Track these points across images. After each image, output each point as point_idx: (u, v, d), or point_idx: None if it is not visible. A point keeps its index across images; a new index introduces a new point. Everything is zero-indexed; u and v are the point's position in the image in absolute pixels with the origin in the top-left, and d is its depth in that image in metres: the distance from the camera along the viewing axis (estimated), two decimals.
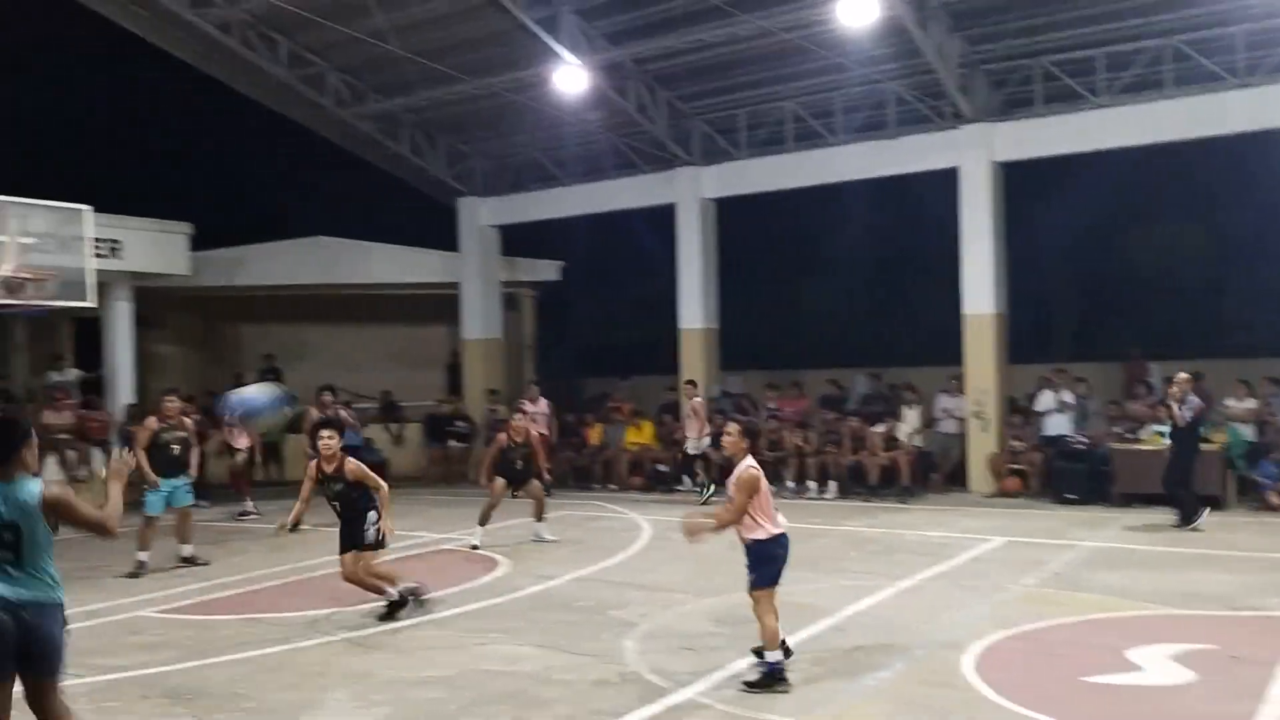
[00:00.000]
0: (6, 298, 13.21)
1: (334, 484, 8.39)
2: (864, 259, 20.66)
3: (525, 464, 11.99)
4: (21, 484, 4.80)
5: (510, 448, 11.93)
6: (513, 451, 11.92)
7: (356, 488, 8.44)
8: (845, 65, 15.65)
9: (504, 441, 12.00)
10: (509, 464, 11.93)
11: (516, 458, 11.93)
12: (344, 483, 8.38)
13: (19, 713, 4.87)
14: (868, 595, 8.87)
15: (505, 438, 12.01)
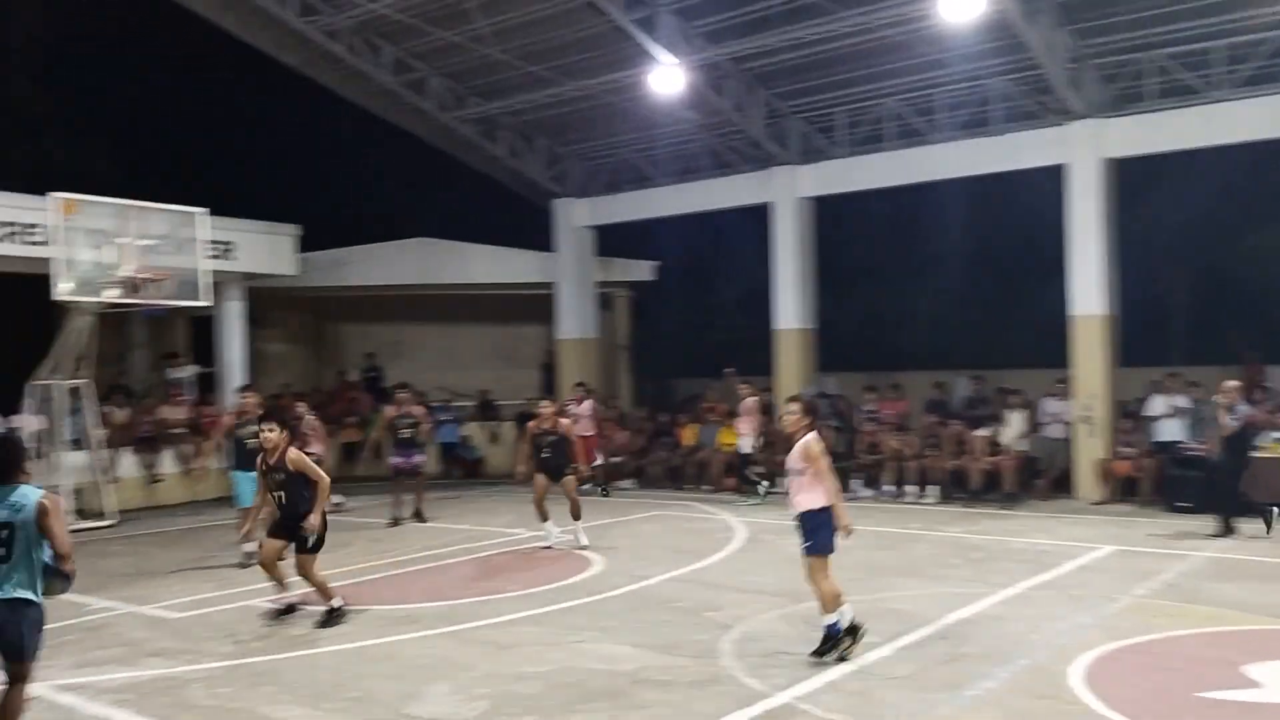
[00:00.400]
0: (128, 297, 13.80)
1: (275, 474, 8.54)
2: (967, 258, 20.24)
3: (553, 453, 11.90)
4: (21, 491, 5.29)
5: (538, 434, 11.94)
6: (540, 438, 11.93)
7: (298, 479, 8.54)
8: (948, 61, 15.36)
9: (534, 428, 12.05)
10: (537, 451, 11.97)
11: (544, 445, 11.91)
12: (285, 473, 8.50)
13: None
14: (970, 603, 8.68)
15: (534, 424, 12.09)
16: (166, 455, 17.26)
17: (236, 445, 11.62)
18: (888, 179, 17.11)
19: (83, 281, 13.64)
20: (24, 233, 14.91)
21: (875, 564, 10.47)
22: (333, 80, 18.51)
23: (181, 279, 14.48)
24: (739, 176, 18.55)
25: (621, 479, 18.21)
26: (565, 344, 20.96)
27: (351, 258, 20.93)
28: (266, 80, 20.42)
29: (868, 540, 11.91)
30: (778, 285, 18.07)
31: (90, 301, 13.81)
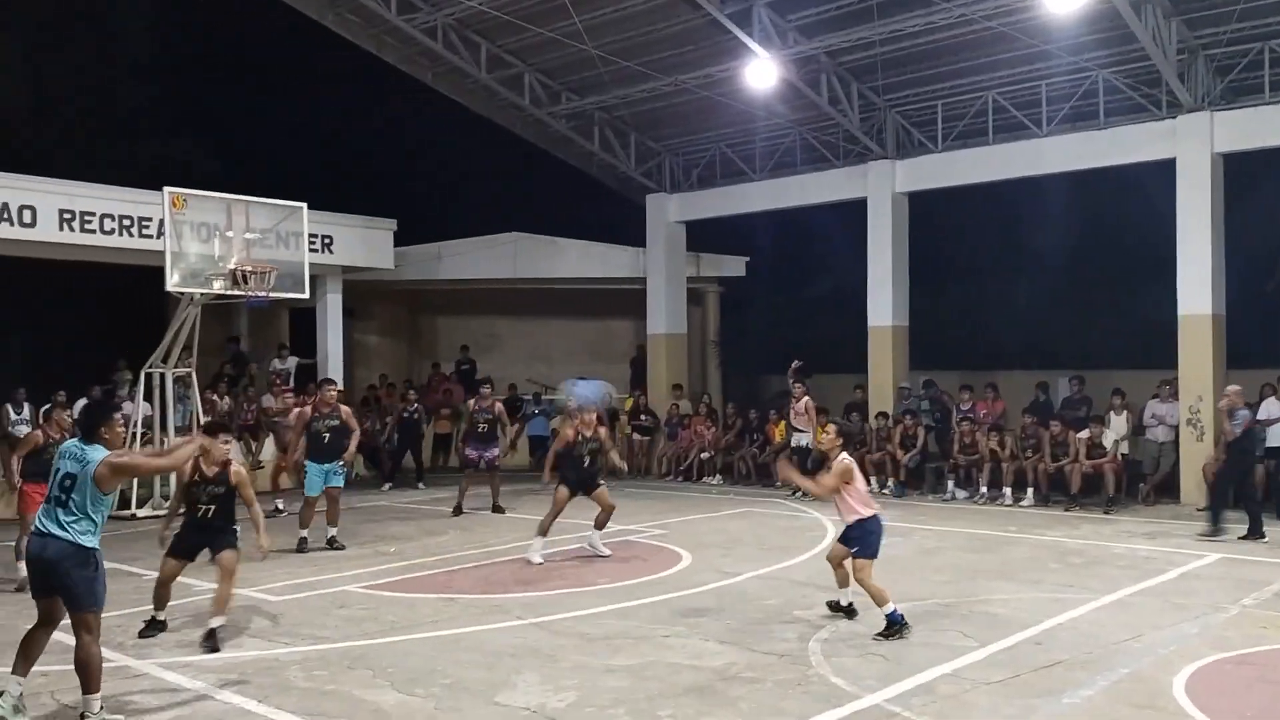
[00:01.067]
0: (233, 288, 14.24)
1: (214, 486, 7.97)
2: (1069, 255, 19.66)
3: (593, 461, 11.12)
4: (93, 449, 5.99)
5: (579, 442, 11.06)
6: (580, 446, 11.05)
7: (232, 495, 8.09)
8: (1052, 53, 14.97)
9: (572, 436, 11.10)
10: (576, 460, 11.05)
11: (584, 453, 11.05)
12: (225, 486, 8.00)
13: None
14: (1069, 608, 8.45)
15: (574, 432, 11.10)
16: (267, 443, 17.75)
17: (312, 437, 11.98)
18: (988, 174, 16.75)
19: (191, 273, 14.12)
20: (137, 226, 15.51)
21: (969, 566, 10.27)
22: (430, 77, 18.84)
23: (284, 271, 14.89)
24: (833, 171, 18.36)
25: (709, 475, 18.18)
26: (655, 339, 20.99)
27: (446, 252, 21.29)
28: (365, 78, 20.89)
29: (961, 542, 11.72)
30: (871, 281, 17.83)
31: (198, 292, 14.27)
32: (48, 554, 5.87)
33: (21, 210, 14.55)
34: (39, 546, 5.93)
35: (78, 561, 5.84)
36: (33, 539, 6.07)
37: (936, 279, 19.55)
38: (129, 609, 8.83)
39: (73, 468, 5.94)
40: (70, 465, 5.96)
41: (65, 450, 6.13)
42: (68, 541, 5.83)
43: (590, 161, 20.82)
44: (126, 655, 7.40)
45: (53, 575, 5.89)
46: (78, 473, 5.91)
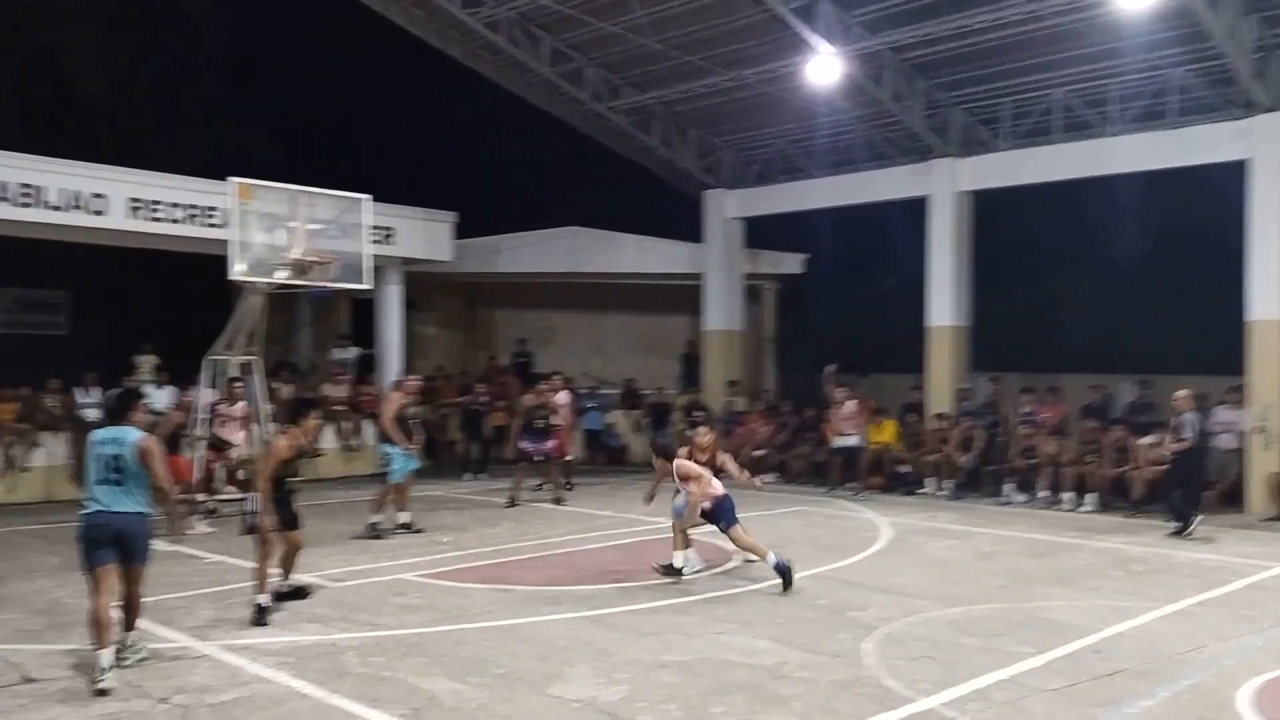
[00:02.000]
0: (296, 278, 14.44)
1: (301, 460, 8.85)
2: (1135, 257, 19.22)
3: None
4: (127, 430, 6.81)
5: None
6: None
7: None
8: (1123, 50, 14.65)
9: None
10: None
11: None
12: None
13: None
14: (1130, 617, 8.28)
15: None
16: (327, 431, 18.01)
17: (401, 424, 12.26)
18: (1055, 173, 16.46)
19: (255, 263, 14.32)
20: (204, 215, 15.81)
21: (1027, 572, 10.12)
22: (491, 71, 18.95)
23: (346, 262, 15.07)
24: (895, 169, 18.16)
25: (764, 473, 18.09)
26: (711, 335, 20.94)
27: (505, 245, 21.41)
28: (428, 71, 21.07)
29: (1020, 546, 11.55)
30: (932, 280, 17.62)
31: (262, 282, 14.50)
32: (117, 526, 6.63)
33: (93, 199, 14.92)
34: (107, 520, 6.62)
35: (142, 527, 6.75)
36: (97, 516, 6.64)
37: (999, 279, 19.24)
38: (190, 590, 9.04)
39: (115, 449, 6.70)
40: (112, 448, 6.71)
41: (102, 437, 6.80)
42: (132, 513, 6.68)
43: (649, 156, 20.81)
44: (189, 636, 7.56)
45: (125, 541, 6.66)
46: (122, 452, 6.68)
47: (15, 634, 7.61)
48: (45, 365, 16.29)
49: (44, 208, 14.48)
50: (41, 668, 6.76)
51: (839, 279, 23.07)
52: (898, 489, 16.34)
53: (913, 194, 17.90)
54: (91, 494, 6.67)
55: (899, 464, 16.73)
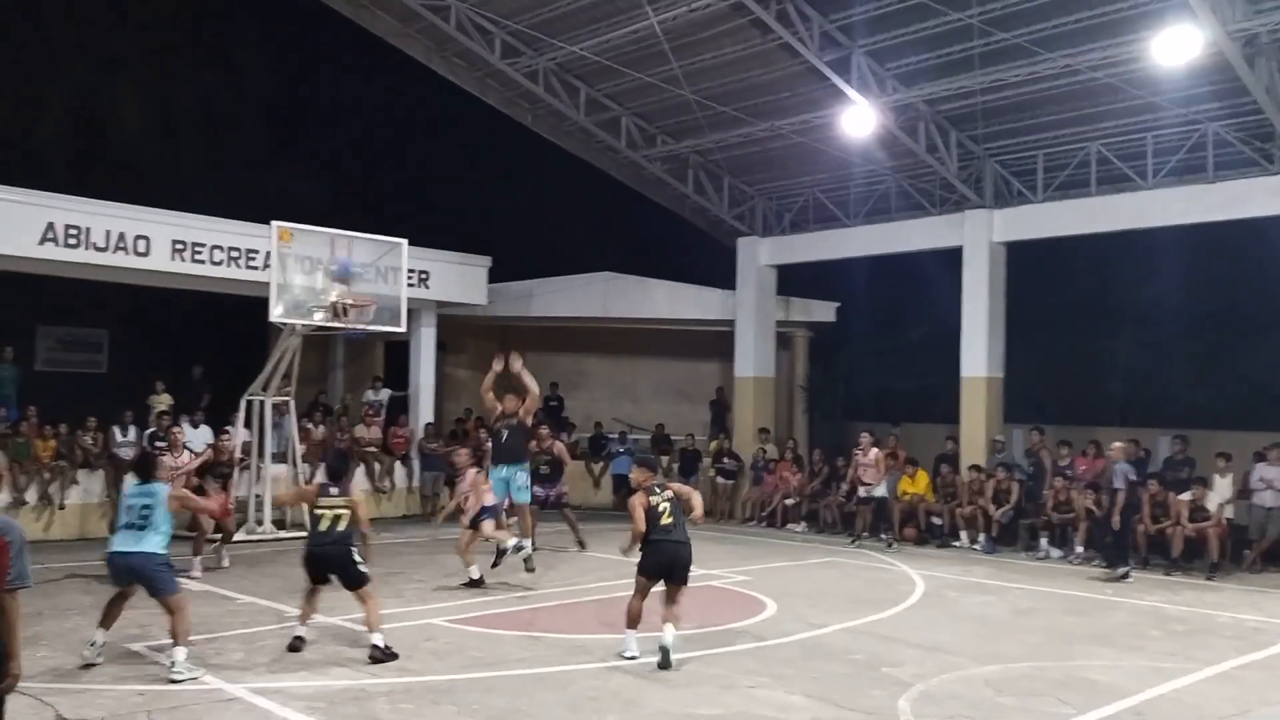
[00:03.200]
0: (333, 320, 14.61)
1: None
2: (1173, 311, 19.06)
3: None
4: (156, 487, 8.07)
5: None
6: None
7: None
8: (1159, 105, 14.65)
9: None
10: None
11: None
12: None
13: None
14: (1171, 678, 8.11)
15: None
16: (358, 472, 18.07)
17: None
18: (1091, 225, 16.41)
19: (294, 304, 14.53)
20: (244, 258, 16.05)
21: (1066, 630, 9.95)
22: (529, 119, 19.23)
23: (381, 305, 15.24)
24: (929, 219, 18.16)
25: (793, 521, 17.98)
26: (743, 382, 20.90)
27: (538, 289, 21.55)
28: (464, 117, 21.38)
29: (1057, 603, 11.37)
30: (966, 331, 17.53)
31: (300, 324, 14.67)
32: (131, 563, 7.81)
33: (137, 240, 15.18)
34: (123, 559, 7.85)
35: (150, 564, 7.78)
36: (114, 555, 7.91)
37: (1034, 330, 19.13)
38: (222, 632, 9.05)
39: (146, 500, 7.92)
40: (143, 499, 7.94)
41: (134, 492, 8.06)
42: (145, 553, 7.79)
43: (683, 204, 20.96)
44: (219, 679, 7.56)
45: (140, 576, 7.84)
46: (151, 503, 7.90)
47: (48, 673, 7.64)
48: (85, 403, 16.47)
49: (89, 249, 14.75)
50: (74, 707, 6.78)
51: (871, 327, 23.04)
52: (931, 541, 16.16)
53: (947, 244, 17.88)
54: (115, 536, 7.98)
55: (932, 515, 16.56)
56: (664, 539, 8.41)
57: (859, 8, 14.40)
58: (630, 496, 8.71)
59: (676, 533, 8.47)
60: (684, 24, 15.15)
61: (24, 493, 14.72)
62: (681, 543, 8.47)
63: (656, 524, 8.42)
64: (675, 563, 8.43)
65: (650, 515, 8.42)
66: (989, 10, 13.59)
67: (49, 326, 21.55)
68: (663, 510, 8.49)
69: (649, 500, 8.50)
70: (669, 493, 8.70)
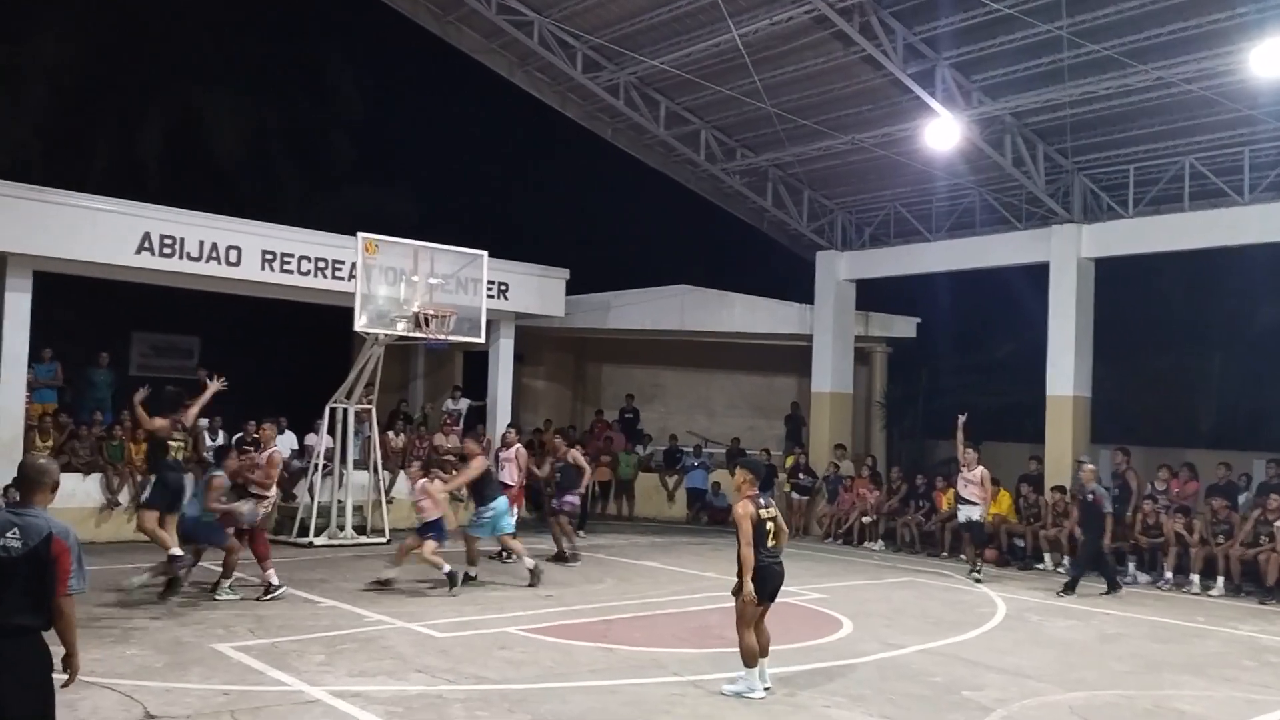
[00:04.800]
0: (415, 331, 14.83)
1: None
2: (1267, 332, 18.45)
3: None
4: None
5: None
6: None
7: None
8: (1257, 118, 14.20)
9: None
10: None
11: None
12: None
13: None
14: (1265, 711, 7.81)
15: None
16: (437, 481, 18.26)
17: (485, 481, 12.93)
18: (1183, 241, 15.96)
19: (377, 315, 14.80)
20: (331, 268, 16.40)
21: (1154, 658, 9.64)
22: (609, 133, 19.37)
23: (461, 316, 15.44)
24: (1015, 234, 17.83)
25: (870, 540, 17.74)
26: (820, 397, 20.72)
27: (616, 302, 21.65)
28: (545, 131, 21.63)
29: (1145, 630, 11.04)
30: (1052, 348, 17.14)
31: (383, 333, 14.93)
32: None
33: (229, 250, 15.62)
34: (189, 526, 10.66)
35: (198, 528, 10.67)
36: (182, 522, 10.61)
37: (1124, 349, 18.65)
38: (305, 634, 9.22)
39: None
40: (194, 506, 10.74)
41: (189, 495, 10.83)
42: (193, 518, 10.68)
43: (761, 217, 20.88)
44: (301, 681, 7.70)
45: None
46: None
47: (138, 670, 7.86)
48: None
49: (183, 258, 15.21)
50: (161, 705, 6.96)
51: (953, 344, 22.70)
52: (1013, 563, 15.81)
53: (1033, 260, 17.52)
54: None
55: (1015, 537, 16.20)
56: (771, 561, 7.71)
57: (944, 20, 14.23)
58: (736, 504, 7.83)
59: (777, 551, 7.77)
60: (765, 37, 15.12)
61: (116, 494, 15.19)
62: (780, 562, 7.86)
63: (763, 543, 7.65)
64: (779, 581, 7.85)
65: (758, 530, 7.62)
66: (1079, 22, 13.32)
67: (143, 333, 22.28)
68: (770, 529, 7.73)
69: (758, 513, 7.65)
70: (774, 510, 7.89)
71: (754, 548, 7.54)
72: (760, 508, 7.69)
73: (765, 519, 7.70)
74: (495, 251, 16.71)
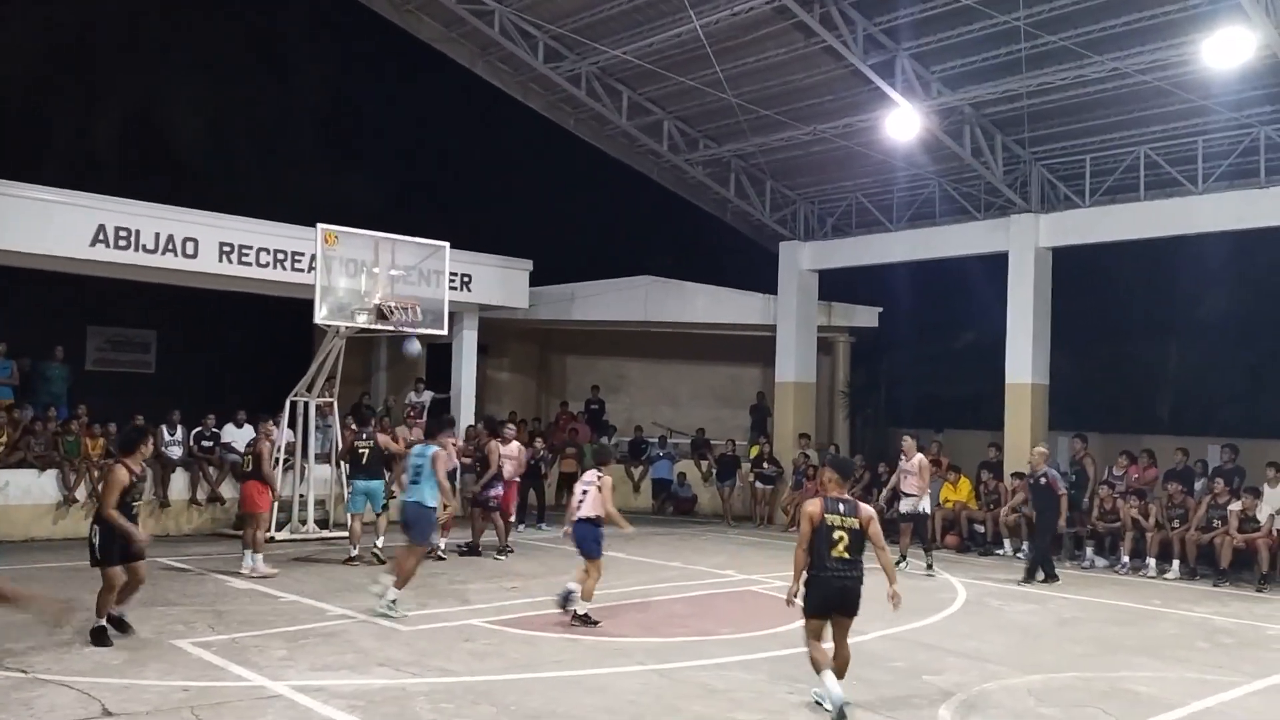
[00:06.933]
0: (376, 323, 14.73)
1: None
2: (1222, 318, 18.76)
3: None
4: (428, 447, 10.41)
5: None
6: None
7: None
8: (1210, 109, 14.41)
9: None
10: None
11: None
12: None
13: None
14: (1218, 691, 7.97)
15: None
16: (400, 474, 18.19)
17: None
18: (1139, 231, 16.17)
19: (338, 307, 14.68)
20: (290, 260, 16.24)
21: (1111, 640, 9.80)
22: (571, 123, 19.29)
23: (424, 308, 15.35)
24: (974, 224, 17.98)
25: None
26: (784, 387, 20.81)
27: (580, 293, 21.61)
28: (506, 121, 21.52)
29: (1102, 614, 11.21)
30: (1011, 337, 17.33)
31: (343, 325, 14.81)
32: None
33: (186, 242, 15.42)
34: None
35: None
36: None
37: (1082, 337, 18.89)
38: (266, 629, 9.16)
39: (419, 460, 10.31)
40: (418, 459, 10.33)
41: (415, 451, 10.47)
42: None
43: (724, 208, 20.92)
44: (262, 675, 7.64)
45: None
46: (422, 462, 10.23)
47: (96, 667, 7.76)
48: (133, 402, 16.76)
49: (139, 250, 15.00)
50: (119, 702, 6.88)
51: (914, 333, 22.90)
52: (973, 549, 15.99)
53: (992, 249, 17.69)
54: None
55: (975, 523, 16.38)
56: (831, 573, 6.96)
57: (904, 11, 14.30)
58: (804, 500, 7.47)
59: (849, 567, 7.00)
60: (726, 27, 15.12)
61: (74, 491, 14.98)
62: (852, 577, 7.02)
63: (826, 551, 6.94)
64: (846, 596, 7.02)
65: (820, 534, 6.98)
66: (1036, 13, 13.44)
67: (99, 327, 21.98)
68: (839, 538, 6.95)
69: (824, 515, 6.99)
70: (855, 521, 7.03)
71: (811, 553, 6.99)
72: (834, 512, 7.01)
73: (833, 525, 6.96)
74: (458, 243, 16.61)
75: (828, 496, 7.13)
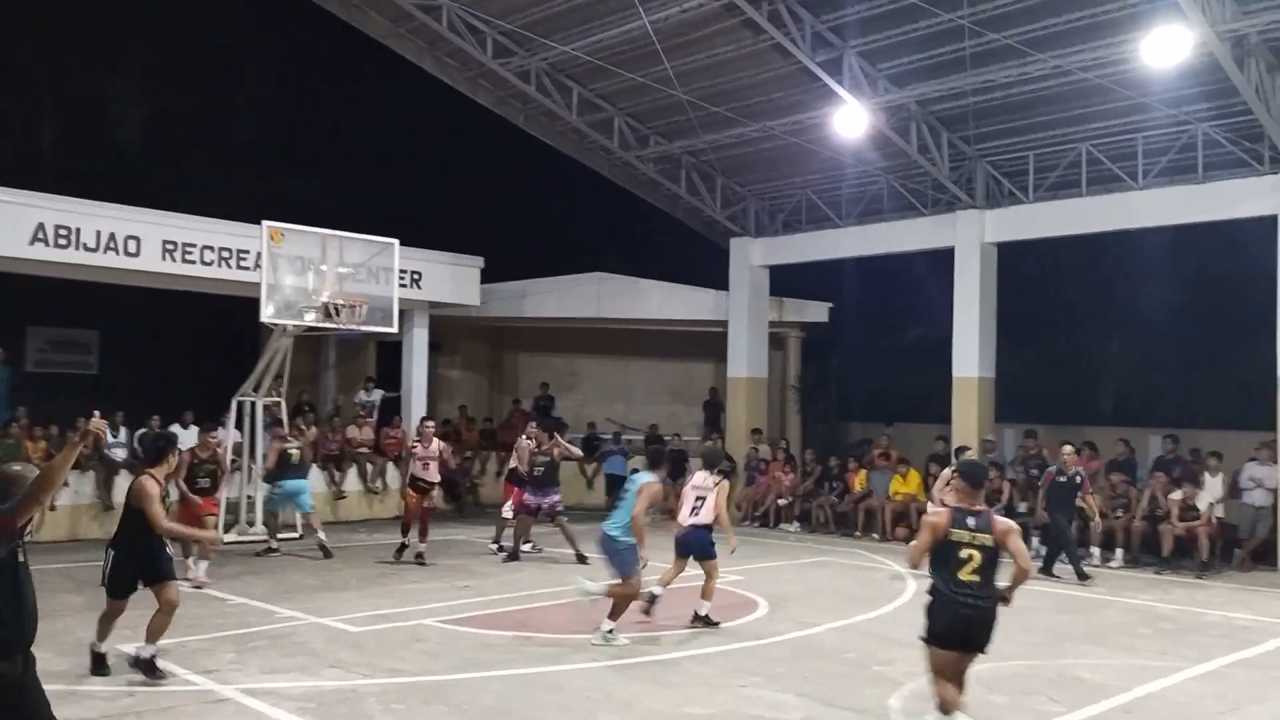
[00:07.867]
0: (325, 321, 14.58)
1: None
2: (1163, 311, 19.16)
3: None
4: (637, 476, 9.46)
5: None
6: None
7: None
8: (1149, 106, 14.69)
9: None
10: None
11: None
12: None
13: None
14: (1160, 677, 8.15)
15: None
16: (350, 473, 18.06)
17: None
18: (1081, 226, 16.45)
19: (285, 305, 14.50)
20: (236, 258, 16.02)
21: (1058, 628, 9.99)
22: (521, 119, 19.21)
23: (373, 306, 15.21)
24: (921, 219, 18.19)
25: (786, 521, 18.00)
26: (736, 382, 20.91)
27: (531, 290, 21.55)
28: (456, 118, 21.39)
29: (1049, 602, 11.40)
30: (958, 331, 17.56)
31: (291, 324, 14.63)
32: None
33: (128, 240, 15.15)
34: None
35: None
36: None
37: (1026, 331, 19.20)
38: (215, 633, 9.04)
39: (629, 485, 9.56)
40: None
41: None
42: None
43: (675, 204, 20.96)
44: (211, 680, 7.55)
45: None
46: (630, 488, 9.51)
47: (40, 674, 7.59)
48: (75, 404, 16.42)
49: (79, 249, 14.71)
50: (65, 709, 6.73)
51: (864, 328, 23.12)
52: None
53: (938, 245, 17.91)
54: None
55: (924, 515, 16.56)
56: (957, 596, 5.97)
57: (850, 9, 14.42)
58: (926, 515, 6.60)
59: (979, 590, 5.99)
60: (676, 24, 15.15)
61: None
62: (983, 603, 6.02)
63: (952, 571, 6.00)
64: (973, 625, 6.02)
65: (945, 552, 6.04)
66: (979, 11, 13.63)
67: (39, 327, 21.52)
68: (967, 556, 5.96)
69: (950, 530, 6.03)
70: (988, 538, 6.00)
71: (938, 569, 6.07)
72: (962, 527, 6.02)
73: (960, 542, 5.99)
74: (408, 240, 16.49)
75: (955, 507, 6.15)
